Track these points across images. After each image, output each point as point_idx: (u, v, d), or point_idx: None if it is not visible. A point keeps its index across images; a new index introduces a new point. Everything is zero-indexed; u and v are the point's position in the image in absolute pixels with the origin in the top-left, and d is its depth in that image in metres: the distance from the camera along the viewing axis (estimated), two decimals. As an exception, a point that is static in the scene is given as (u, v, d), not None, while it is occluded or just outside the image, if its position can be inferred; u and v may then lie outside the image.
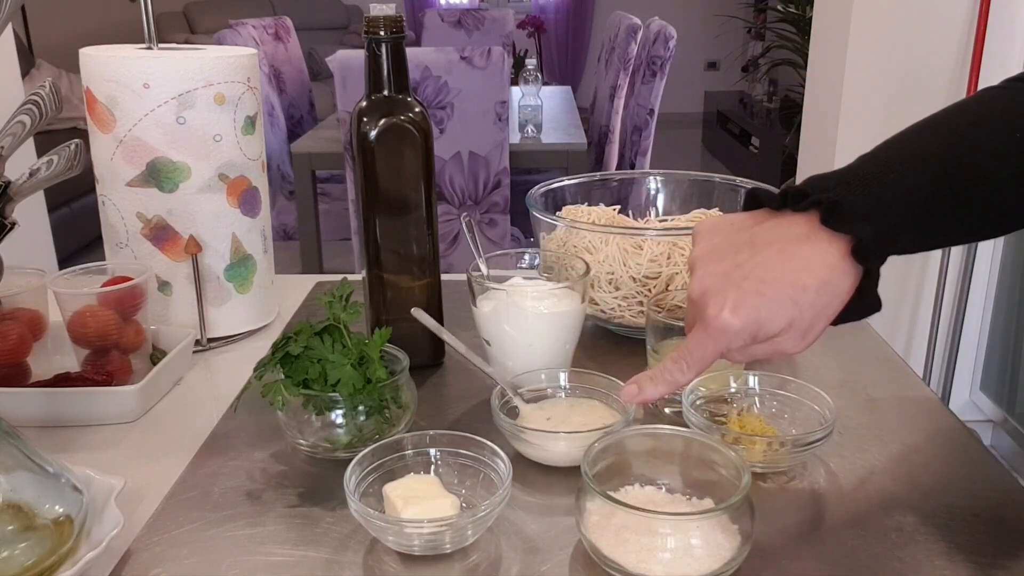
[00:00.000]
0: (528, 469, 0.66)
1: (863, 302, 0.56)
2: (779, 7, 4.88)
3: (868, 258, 0.54)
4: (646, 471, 0.61)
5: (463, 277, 0.78)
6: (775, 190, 0.59)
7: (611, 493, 0.55)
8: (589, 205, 0.97)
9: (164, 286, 0.89)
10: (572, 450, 0.65)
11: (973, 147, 0.57)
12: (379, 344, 0.68)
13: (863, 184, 0.55)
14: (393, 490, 0.58)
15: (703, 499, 0.59)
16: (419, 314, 0.75)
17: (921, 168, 0.56)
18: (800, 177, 2.29)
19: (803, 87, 2.28)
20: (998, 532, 0.59)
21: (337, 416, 0.67)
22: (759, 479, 0.64)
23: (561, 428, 0.66)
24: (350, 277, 0.73)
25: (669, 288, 0.83)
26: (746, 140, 5.36)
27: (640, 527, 0.53)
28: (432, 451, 0.63)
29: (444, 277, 0.84)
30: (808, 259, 0.54)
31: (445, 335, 0.75)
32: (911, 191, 0.55)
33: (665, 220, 0.99)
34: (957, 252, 2.09)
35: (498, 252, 0.81)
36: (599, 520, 0.55)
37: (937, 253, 2.08)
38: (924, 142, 0.58)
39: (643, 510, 0.53)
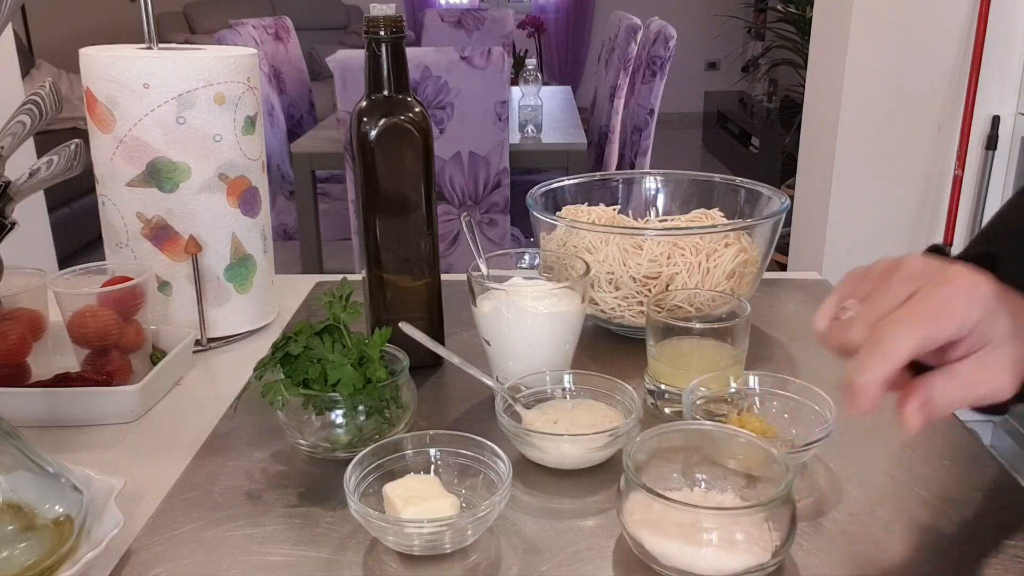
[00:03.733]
0: (529, 470, 0.66)
1: None
2: (779, 7, 4.88)
3: None
4: (687, 467, 0.61)
5: (463, 277, 0.78)
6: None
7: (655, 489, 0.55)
8: (589, 205, 0.97)
9: (164, 286, 0.89)
10: (582, 453, 0.65)
11: None
12: (379, 344, 0.68)
13: None
14: (393, 490, 0.58)
15: (744, 493, 0.59)
16: (408, 328, 0.75)
17: None
18: (800, 177, 2.29)
19: (803, 87, 2.28)
20: (998, 532, 0.59)
21: (337, 416, 0.67)
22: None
23: (569, 431, 0.66)
24: (350, 277, 0.73)
25: (669, 288, 0.83)
26: (746, 140, 5.36)
27: (684, 521, 0.53)
28: (432, 451, 0.63)
29: (444, 277, 0.84)
30: None
31: (441, 350, 0.75)
32: None
33: (665, 220, 0.99)
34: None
35: (498, 252, 0.81)
36: (641, 516, 0.55)
37: (937, 253, 2.08)
38: None
39: (689, 505, 0.53)
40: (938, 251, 0.58)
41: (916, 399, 0.49)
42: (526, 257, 0.85)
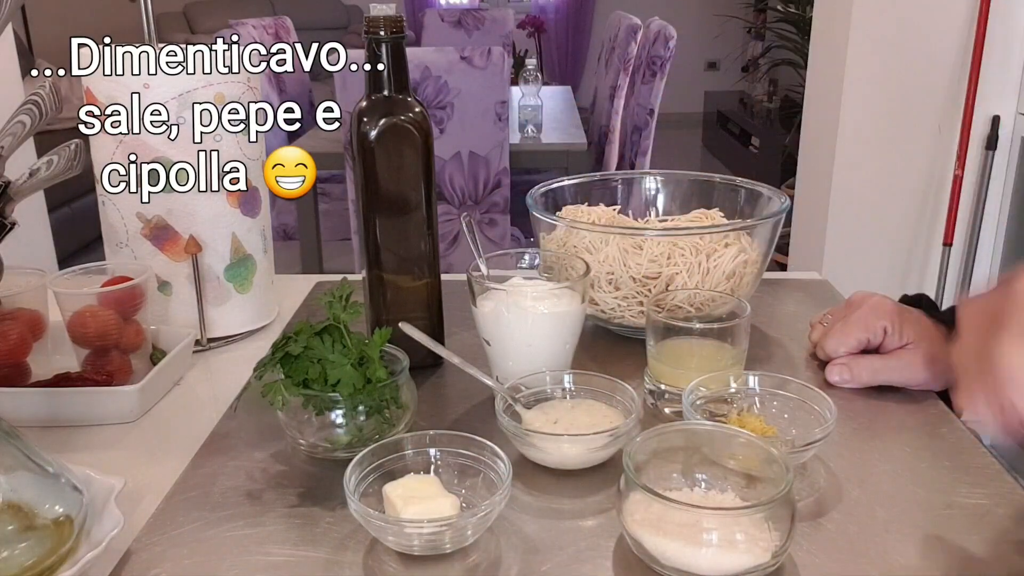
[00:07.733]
0: (529, 470, 0.66)
1: None
2: (779, 7, 4.87)
3: None
4: (687, 467, 0.62)
5: (463, 277, 0.78)
6: None
7: (656, 489, 0.55)
8: (589, 205, 0.97)
9: (164, 286, 0.89)
10: (582, 453, 0.65)
11: None
12: (379, 344, 0.68)
13: None
14: (393, 490, 0.58)
15: (744, 493, 0.59)
16: (408, 328, 0.75)
17: None
18: (800, 177, 2.29)
19: (803, 87, 2.28)
20: (998, 532, 0.59)
21: (337, 416, 0.67)
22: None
23: (569, 431, 0.66)
24: (350, 277, 0.73)
25: (669, 288, 0.83)
26: (746, 140, 5.35)
27: (684, 521, 0.53)
28: (432, 451, 0.63)
29: (444, 277, 0.84)
30: None
31: (441, 350, 0.75)
32: None
33: (665, 220, 0.99)
34: (957, 253, 2.09)
35: (498, 252, 0.81)
36: (642, 517, 0.55)
37: (937, 254, 2.08)
38: None
39: (689, 505, 0.54)
40: (918, 300, 0.81)
41: (842, 362, 0.78)
42: (526, 257, 0.85)
